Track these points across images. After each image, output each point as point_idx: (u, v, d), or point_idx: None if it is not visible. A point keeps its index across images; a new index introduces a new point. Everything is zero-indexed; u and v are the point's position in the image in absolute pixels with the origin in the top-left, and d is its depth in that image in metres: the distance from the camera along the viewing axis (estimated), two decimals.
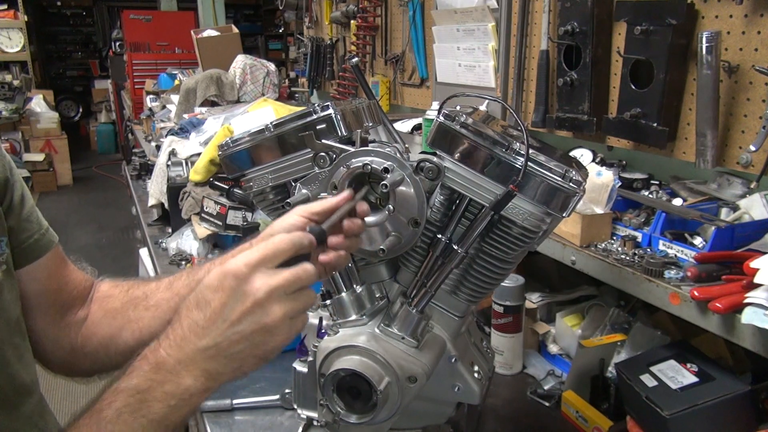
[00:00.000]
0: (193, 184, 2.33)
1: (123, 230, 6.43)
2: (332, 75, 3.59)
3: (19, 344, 0.93)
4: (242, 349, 0.72)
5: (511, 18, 1.89)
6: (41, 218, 1.01)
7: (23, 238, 0.95)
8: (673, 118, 1.40)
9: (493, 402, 1.43)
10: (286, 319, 0.72)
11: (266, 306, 0.71)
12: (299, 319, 0.75)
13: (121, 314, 1.05)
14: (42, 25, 12.63)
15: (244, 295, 0.71)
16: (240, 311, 0.71)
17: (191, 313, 0.73)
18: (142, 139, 4.46)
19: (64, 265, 1.06)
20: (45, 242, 0.99)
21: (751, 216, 1.26)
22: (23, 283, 0.96)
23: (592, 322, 1.54)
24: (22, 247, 0.95)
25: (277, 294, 0.71)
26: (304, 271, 0.74)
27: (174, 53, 7.30)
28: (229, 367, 0.73)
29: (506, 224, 0.93)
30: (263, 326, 0.71)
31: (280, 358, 1.58)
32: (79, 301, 1.07)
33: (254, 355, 0.73)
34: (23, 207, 0.96)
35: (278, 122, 1.01)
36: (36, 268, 0.98)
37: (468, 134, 0.90)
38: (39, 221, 0.99)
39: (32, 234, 0.97)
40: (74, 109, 12.38)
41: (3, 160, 0.92)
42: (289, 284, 0.72)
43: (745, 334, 1.02)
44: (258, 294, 0.71)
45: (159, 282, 1.08)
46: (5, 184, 0.92)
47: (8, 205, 0.93)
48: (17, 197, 0.95)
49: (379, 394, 0.94)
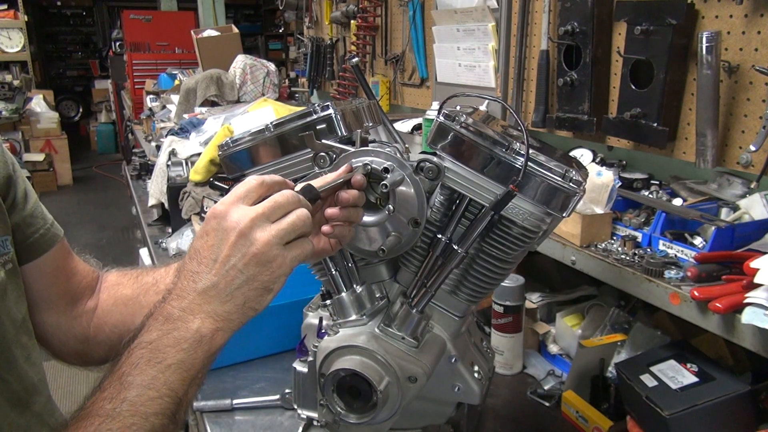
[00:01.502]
0: (193, 184, 2.33)
1: (123, 230, 6.43)
2: (332, 75, 3.59)
3: (26, 344, 0.94)
4: (240, 284, 0.73)
5: (511, 18, 1.89)
6: (46, 213, 1.02)
7: (29, 233, 0.97)
8: (673, 118, 1.40)
9: (493, 402, 1.43)
10: (276, 243, 0.72)
11: (249, 235, 0.72)
12: (296, 246, 0.75)
13: (133, 301, 1.07)
14: (42, 25, 12.63)
15: (226, 230, 0.72)
16: (227, 247, 0.72)
17: (187, 265, 0.75)
18: (142, 139, 4.47)
19: (71, 258, 1.07)
20: (50, 236, 1.01)
21: (751, 216, 1.26)
22: (31, 277, 0.98)
23: (592, 322, 1.54)
24: (27, 242, 0.96)
25: (258, 221, 0.72)
26: (280, 195, 0.75)
27: (174, 53, 7.30)
28: (234, 305, 0.73)
29: (506, 224, 0.93)
30: (253, 256, 0.72)
31: (279, 358, 1.60)
32: (88, 292, 1.09)
33: (254, 288, 0.73)
34: (27, 203, 0.97)
35: (278, 122, 1.01)
36: (43, 262, 0.99)
37: (468, 134, 0.90)
38: (44, 216, 1.01)
39: (38, 229, 0.98)
40: (74, 109, 12.38)
41: (5, 157, 0.93)
42: (268, 210, 0.73)
43: (745, 334, 1.02)
44: (239, 225, 0.72)
45: (168, 267, 1.10)
46: (8, 182, 0.93)
47: (12, 202, 0.94)
48: (21, 193, 0.95)
49: (380, 394, 0.94)
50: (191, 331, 0.72)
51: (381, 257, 0.98)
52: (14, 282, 0.92)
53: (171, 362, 0.71)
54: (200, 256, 0.74)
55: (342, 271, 1.02)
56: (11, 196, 0.93)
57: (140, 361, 0.71)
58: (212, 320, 0.73)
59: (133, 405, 0.69)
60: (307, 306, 1.15)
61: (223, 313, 0.73)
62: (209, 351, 0.74)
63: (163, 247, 2.40)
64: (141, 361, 0.71)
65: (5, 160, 0.93)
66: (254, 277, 0.73)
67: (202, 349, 0.73)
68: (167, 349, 0.72)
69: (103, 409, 0.69)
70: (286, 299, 1.44)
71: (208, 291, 0.73)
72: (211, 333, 0.73)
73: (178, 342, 0.72)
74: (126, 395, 0.69)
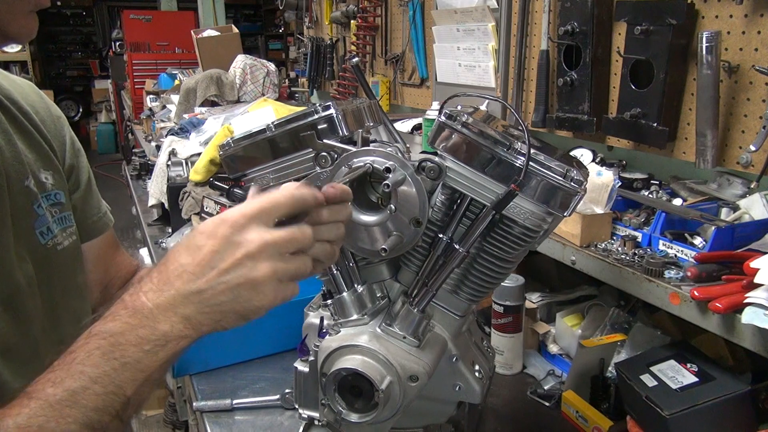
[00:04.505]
0: (193, 184, 2.33)
1: (123, 230, 6.42)
2: (332, 75, 3.59)
3: (77, 307, 1.02)
4: (225, 302, 0.69)
5: (511, 18, 1.90)
6: (102, 202, 1.14)
7: (82, 218, 1.07)
8: (673, 118, 1.41)
9: (494, 402, 1.43)
10: (274, 279, 0.70)
11: (257, 259, 0.68)
12: (288, 287, 0.72)
13: None
14: (42, 25, 12.44)
15: (237, 245, 0.68)
16: (230, 261, 0.68)
17: (180, 256, 0.70)
18: (142, 139, 4.46)
19: (115, 248, 1.18)
20: (101, 224, 1.12)
21: (751, 216, 1.26)
22: None
23: (592, 322, 1.54)
24: (80, 226, 1.05)
25: (269, 250, 0.69)
26: (300, 232, 0.71)
27: (174, 53, 7.30)
28: (210, 318, 0.70)
29: (507, 224, 0.94)
30: (250, 281, 0.68)
31: (279, 358, 1.60)
32: (120, 282, 1.17)
33: (235, 311, 0.70)
34: (87, 191, 1.09)
35: (280, 122, 1.01)
36: (88, 248, 1.08)
37: (469, 134, 0.90)
38: (99, 205, 1.13)
39: (91, 215, 1.10)
40: (74, 109, 12.37)
41: (73, 148, 1.07)
42: (283, 242, 0.70)
43: (745, 334, 1.02)
44: (250, 246, 0.68)
45: None
46: (71, 169, 1.06)
47: (74, 187, 1.06)
48: (84, 182, 1.08)
49: (381, 393, 0.94)
50: (157, 333, 0.69)
51: (383, 257, 0.98)
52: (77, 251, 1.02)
53: (127, 361, 0.68)
54: (199, 255, 0.69)
55: (343, 270, 1.02)
56: (72, 180, 1.06)
57: (96, 351, 0.68)
58: (182, 325, 0.69)
59: (74, 395, 0.66)
60: (307, 306, 1.16)
61: (196, 322, 0.70)
62: (170, 355, 0.70)
63: (163, 247, 2.40)
64: (96, 351, 0.68)
65: (73, 150, 1.07)
66: (241, 300, 0.69)
67: (164, 353, 0.69)
68: (128, 347, 0.68)
69: (44, 392, 0.66)
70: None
71: (192, 296, 0.69)
72: (177, 339, 0.69)
73: (141, 341, 0.69)
74: (70, 384, 0.66)
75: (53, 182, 0.99)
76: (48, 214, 0.96)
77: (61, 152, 1.04)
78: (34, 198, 0.94)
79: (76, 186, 1.07)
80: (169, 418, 2.81)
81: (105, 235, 1.13)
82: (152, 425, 3.04)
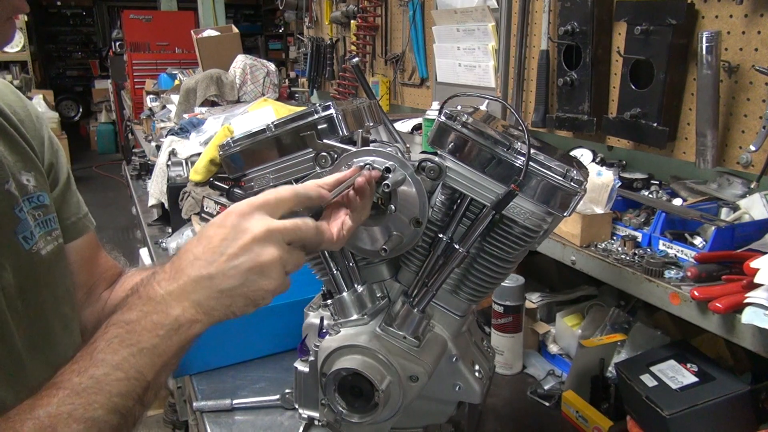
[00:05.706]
0: (193, 184, 2.33)
1: (123, 230, 6.42)
2: (332, 75, 3.59)
3: (67, 313, 1.00)
4: (235, 286, 0.72)
5: (511, 18, 1.90)
6: (82, 204, 1.12)
7: (61, 218, 1.04)
8: (673, 118, 1.41)
9: (494, 402, 1.43)
10: (280, 264, 0.73)
11: (264, 243, 0.72)
12: (287, 278, 0.75)
13: None
14: (42, 25, 12.62)
15: (244, 230, 0.72)
16: (238, 246, 0.72)
17: (193, 247, 0.74)
18: (142, 139, 4.46)
19: (98, 251, 1.16)
20: (82, 226, 1.10)
21: (751, 216, 1.27)
22: None
23: (592, 322, 1.55)
24: (60, 226, 1.02)
25: (275, 236, 0.72)
26: (303, 223, 0.75)
27: (174, 53, 7.28)
28: (220, 303, 0.73)
29: (507, 224, 0.94)
30: (258, 264, 0.72)
31: (279, 358, 1.60)
32: (105, 284, 1.15)
33: (245, 295, 0.73)
34: (66, 190, 1.07)
35: (280, 122, 1.01)
36: (71, 249, 1.06)
37: (469, 134, 0.90)
38: (79, 206, 1.10)
39: (71, 215, 1.08)
40: (74, 109, 12.38)
41: (52, 145, 1.05)
42: (287, 230, 0.73)
43: (745, 334, 1.02)
44: (257, 231, 0.72)
45: None
46: (50, 167, 1.04)
47: (53, 185, 1.04)
48: (62, 181, 1.06)
49: (381, 393, 0.94)
50: (170, 318, 0.72)
51: (383, 257, 0.98)
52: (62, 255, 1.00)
53: (144, 346, 0.71)
54: (209, 243, 0.73)
55: (343, 270, 1.02)
56: (51, 178, 1.04)
57: (114, 339, 0.71)
58: (194, 310, 0.72)
59: (98, 383, 0.69)
60: (307, 306, 1.16)
61: (208, 307, 0.73)
62: (184, 340, 0.73)
63: (163, 247, 2.40)
64: (115, 340, 0.71)
65: (52, 149, 1.05)
66: (249, 284, 0.73)
67: (178, 337, 0.72)
68: (143, 332, 0.71)
69: (70, 382, 0.69)
70: (286, 299, 1.42)
71: (202, 281, 0.72)
72: (189, 323, 0.72)
73: (155, 327, 0.72)
74: (94, 372, 0.69)
75: (35, 183, 0.97)
76: (30, 218, 0.94)
77: (40, 151, 1.02)
78: (15, 202, 0.92)
79: (55, 184, 1.05)
80: (169, 418, 2.82)
81: (87, 236, 1.11)
82: (152, 425, 3.04)
